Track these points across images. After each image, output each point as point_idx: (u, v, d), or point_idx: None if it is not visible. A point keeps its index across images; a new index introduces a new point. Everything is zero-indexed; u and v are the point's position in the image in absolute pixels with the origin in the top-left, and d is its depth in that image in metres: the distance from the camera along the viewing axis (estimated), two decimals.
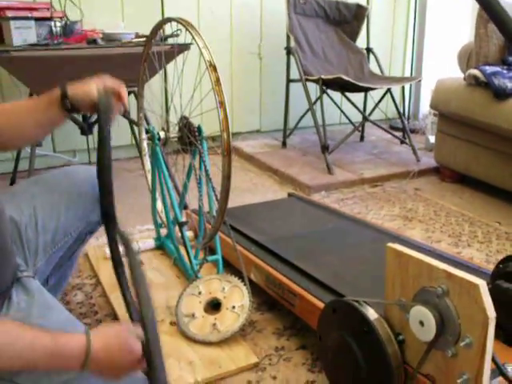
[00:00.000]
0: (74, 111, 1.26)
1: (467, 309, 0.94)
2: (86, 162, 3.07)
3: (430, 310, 0.99)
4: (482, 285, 0.92)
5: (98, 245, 2.08)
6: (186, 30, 1.46)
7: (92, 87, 1.23)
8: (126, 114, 1.42)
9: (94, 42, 2.50)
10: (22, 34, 2.31)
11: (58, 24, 2.49)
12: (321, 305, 1.37)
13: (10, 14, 2.35)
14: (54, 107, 1.23)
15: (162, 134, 1.73)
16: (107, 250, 1.83)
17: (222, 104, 1.35)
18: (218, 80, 1.36)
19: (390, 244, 1.08)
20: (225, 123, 1.35)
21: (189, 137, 1.64)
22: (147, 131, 1.80)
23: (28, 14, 2.39)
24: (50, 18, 2.46)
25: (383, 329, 1.10)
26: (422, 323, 1.01)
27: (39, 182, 1.40)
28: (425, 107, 4.14)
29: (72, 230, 1.41)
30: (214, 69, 1.37)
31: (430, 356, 1.02)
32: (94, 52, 2.45)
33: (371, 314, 1.13)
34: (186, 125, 1.65)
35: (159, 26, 1.76)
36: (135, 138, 3.09)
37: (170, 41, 2.55)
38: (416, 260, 1.03)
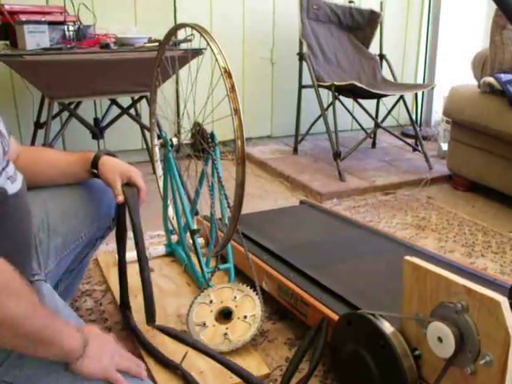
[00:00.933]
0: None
1: (487, 326, 0.92)
2: None
3: (448, 327, 0.97)
4: (504, 301, 0.89)
5: (108, 250, 2.07)
6: (201, 35, 1.44)
7: (117, 182, 1.38)
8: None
9: (106, 46, 2.49)
10: (35, 38, 2.31)
11: (71, 28, 2.49)
12: (333, 315, 1.35)
13: (23, 17, 2.34)
14: (84, 170, 1.40)
15: (175, 140, 1.72)
16: (117, 256, 1.83)
17: (236, 111, 1.33)
18: (232, 87, 1.34)
19: (408, 257, 1.06)
20: (239, 131, 1.33)
21: (202, 143, 1.62)
22: (159, 137, 1.79)
23: (41, 18, 2.39)
24: (63, 22, 2.46)
25: (399, 343, 1.08)
26: (440, 339, 0.99)
27: (51, 186, 1.40)
28: (437, 114, 4.12)
29: (83, 234, 1.42)
30: (229, 75, 1.35)
31: (448, 373, 1.00)
32: (106, 56, 2.44)
33: (387, 327, 1.11)
34: (199, 131, 1.64)
35: (173, 31, 1.75)
36: (146, 142, 3.08)
37: (183, 46, 2.55)
38: (434, 274, 1.00)
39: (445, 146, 3.30)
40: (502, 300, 0.90)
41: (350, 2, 3.64)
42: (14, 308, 0.84)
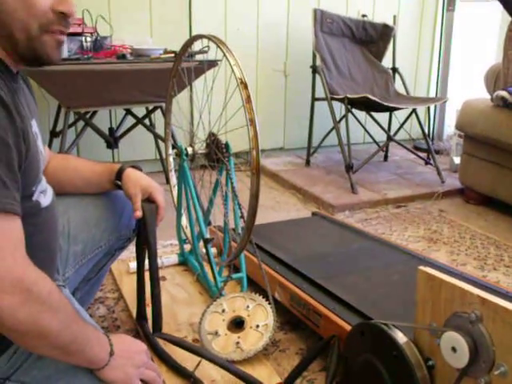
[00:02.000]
0: None
1: (502, 336, 0.92)
2: None
3: (462, 336, 0.97)
4: None
5: (121, 259, 2.08)
6: (218, 47, 1.46)
7: (137, 196, 1.40)
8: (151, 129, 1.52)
9: (123, 57, 2.53)
10: None
11: (89, 39, 2.53)
12: (346, 326, 1.36)
13: None
14: (108, 181, 1.44)
15: (190, 150, 1.73)
16: (131, 264, 1.84)
17: (252, 122, 1.34)
18: (248, 97, 1.36)
19: (422, 267, 1.07)
20: (254, 141, 1.34)
21: (216, 153, 1.64)
22: (174, 146, 1.81)
23: None
24: (81, 34, 2.51)
25: (413, 353, 1.08)
26: (454, 349, 0.99)
27: (75, 195, 1.43)
28: (450, 128, 4.12)
29: (102, 244, 1.44)
30: (245, 86, 1.37)
31: (461, 383, 1.00)
32: (123, 67, 2.48)
33: (400, 337, 1.11)
34: (214, 141, 1.65)
35: (190, 42, 1.77)
36: (160, 152, 3.11)
37: (199, 56, 2.57)
38: (449, 284, 1.01)
39: (457, 160, 3.30)
40: None
41: (363, 15, 3.67)
42: (50, 322, 0.89)
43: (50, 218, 1.15)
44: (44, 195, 1.11)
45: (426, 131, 3.70)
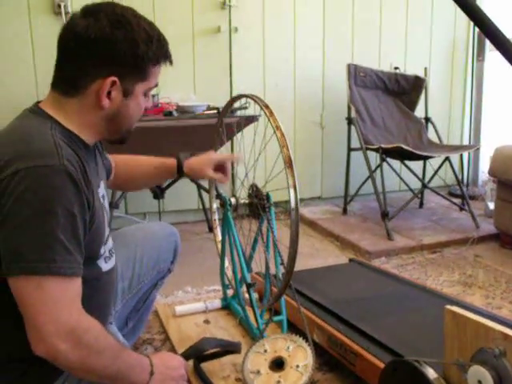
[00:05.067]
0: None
1: None
2: None
3: (487, 370, 1.04)
4: None
5: (166, 303, 2.21)
6: (261, 109, 1.58)
7: (209, 168, 1.67)
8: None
9: (169, 114, 2.71)
10: None
11: None
12: (380, 364, 1.42)
13: None
14: (169, 173, 1.68)
15: (233, 201, 1.86)
16: (176, 308, 1.97)
17: (293, 187, 1.46)
18: (290, 162, 1.48)
19: (448, 306, 1.16)
20: (295, 204, 1.45)
21: (258, 204, 1.75)
22: (217, 197, 1.94)
23: None
24: None
25: None
26: (480, 383, 1.06)
27: (117, 237, 1.59)
28: (484, 174, 4.16)
29: (145, 278, 1.63)
30: (287, 149, 1.48)
31: None
32: (170, 123, 2.65)
33: (431, 373, 1.18)
34: (255, 192, 1.78)
35: (233, 100, 1.92)
36: (202, 202, 3.25)
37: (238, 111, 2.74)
38: (473, 322, 1.09)
39: (492, 205, 3.33)
40: None
41: (395, 68, 3.81)
42: (97, 361, 1.08)
43: (109, 280, 1.31)
44: (106, 261, 1.27)
45: (461, 177, 3.75)
